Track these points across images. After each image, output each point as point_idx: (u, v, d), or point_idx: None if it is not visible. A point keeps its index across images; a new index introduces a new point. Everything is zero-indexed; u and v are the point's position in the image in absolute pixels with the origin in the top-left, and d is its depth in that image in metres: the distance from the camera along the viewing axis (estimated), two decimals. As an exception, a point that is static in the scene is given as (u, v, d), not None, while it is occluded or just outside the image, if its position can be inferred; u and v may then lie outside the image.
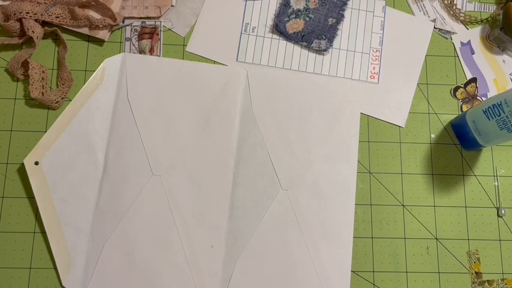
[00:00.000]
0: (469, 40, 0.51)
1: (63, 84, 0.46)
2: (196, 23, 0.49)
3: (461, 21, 0.52)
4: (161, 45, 0.48)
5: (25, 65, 0.46)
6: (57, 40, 0.48)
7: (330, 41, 0.49)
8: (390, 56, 0.50)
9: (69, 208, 0.44)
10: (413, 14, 0.51)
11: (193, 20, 0.49)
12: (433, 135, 0.49)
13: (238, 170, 0.45)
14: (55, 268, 0.43)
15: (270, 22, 0.49)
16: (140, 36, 0.49)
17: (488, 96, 0.50)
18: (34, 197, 0.44)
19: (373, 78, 0.49)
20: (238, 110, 0.47)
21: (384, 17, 0.50)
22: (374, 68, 0.49)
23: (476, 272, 0.46)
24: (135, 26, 0.49)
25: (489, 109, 0.42)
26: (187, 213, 0.44)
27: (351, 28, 0.50)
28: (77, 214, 0.44)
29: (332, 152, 0.46)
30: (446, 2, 0.52)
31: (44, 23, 0.47)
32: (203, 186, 0.45)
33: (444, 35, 0.51)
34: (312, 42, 0.49)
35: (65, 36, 0.47)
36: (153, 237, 0.43)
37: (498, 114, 0.41)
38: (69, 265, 0.43)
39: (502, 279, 0.46)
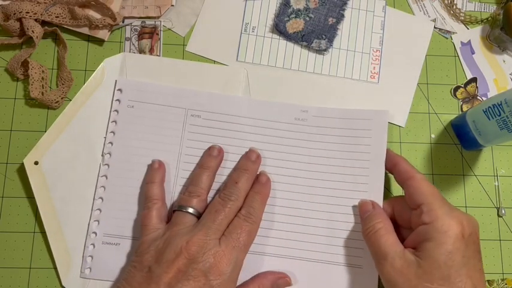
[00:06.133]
0: (469, 40, 0.51)
1: (63, 84, 0.46)
2: (196, 23, 0.49)
3: (462, 21, 0.52)
4: (161, 45, 0.48)
5: (25, 64, 0.46)
6: (57, 40, 0.48)
7: (330, 40, 0.49)
8: (390, 56, 0.50)
9: (69, 208, 0.44)
10: (413, 14, 0.51)
11: (193, 20, 0.49)
12: (433, 135, 0.49)
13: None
14: (55, 268, 0.43)
15: (270, 22, 0.49)
16: (140, 36, 0.48)
17: (489, 96, 0.50)
18: (34, 197, 0.44)
19: (373, 78, 0.49)
20: (238, 110, 0.47)
21: (384, 17, 0.50)
22: (374, 68, 0.49)
23: (476, 272, 0.46)
24: (135, 25, 0.49)
25: (489, 109, 0.42)
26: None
27: (351, 28, 0.50)
28: (77, 214, 0.43)
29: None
30: (446, 1, 0.52)
31: (43, 23, 0.47)
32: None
33: (444, 35, 0.51)
34: (312, 42, 0.49)
35: (64, 36, 0.47)
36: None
37: (498, 114, 0.41)
38: (69, 265, 0.43)
39: (502, 279, 0.46)
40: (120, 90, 0.46)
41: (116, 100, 0.46)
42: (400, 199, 0.41)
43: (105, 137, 0.45)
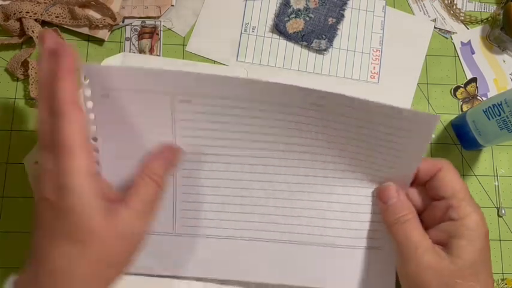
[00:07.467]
0: (469, 40, 0.51)
1: (63, 84, 0.46)
2: (196, 23, 0.49)
3: (462, 21, 0.52)
4: (161, 45, 0.48)
5: (25, 64, 0.46)
6: (57, 40, 0.48)
7: (330, 40, 0.49)
8: (390, 56, 0.50)
9: (69, 208, 0.43)
10: (413, 14, 0.51)
11: (193, 20, 0.49)
12: (433, 135, 0.49)
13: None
14: (55, 268, 0.43)
15: (270, 22, 0.49)
16: (140, 36, 0.48)
17: (489, 96, 0.50)
18: (34, 197, 0.44)
19: (373, 78, 0.49)
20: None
21: (384, 17, 0.50)
22: (374, 67, 0.49)
23: (476, 272, 0.46)
24: (135, 25, 0.49)
25: (489, 109, 0.42)
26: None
27: (351, 28, 0.50)
28: (76, 214, 0.43)
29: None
30: (446, 1, 0.52)
31: (43, 23, 0.47)
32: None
33: (444, 35, 0.51)
34: (312, 42, 0.49)
35: (64, 36, 0.47)
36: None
37: (498, 114, 0.41)
38: (69, 265, 0.42)
39: (502, 279, 0.46)
40: (87, 77, 0.35)
41: (87, 88, 0.35)
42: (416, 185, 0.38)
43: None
